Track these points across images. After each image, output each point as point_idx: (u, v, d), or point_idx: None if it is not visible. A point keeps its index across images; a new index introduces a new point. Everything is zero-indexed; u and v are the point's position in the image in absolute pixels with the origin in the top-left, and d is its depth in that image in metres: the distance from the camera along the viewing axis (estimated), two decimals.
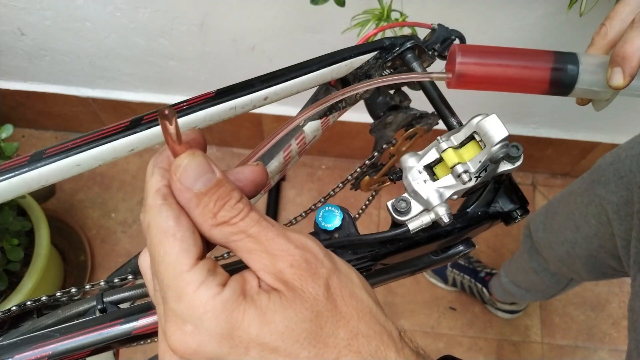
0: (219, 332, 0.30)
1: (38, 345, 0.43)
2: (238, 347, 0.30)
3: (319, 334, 0.31)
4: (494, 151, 0.44)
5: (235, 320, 0.30)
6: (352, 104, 0.63)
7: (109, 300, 0.52)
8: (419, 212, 0.45)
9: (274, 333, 0.30)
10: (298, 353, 0.31)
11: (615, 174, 0.98)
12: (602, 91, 0.49)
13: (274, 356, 0.30)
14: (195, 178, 0.32)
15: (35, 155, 0.48)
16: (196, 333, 0.30)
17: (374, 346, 0.33)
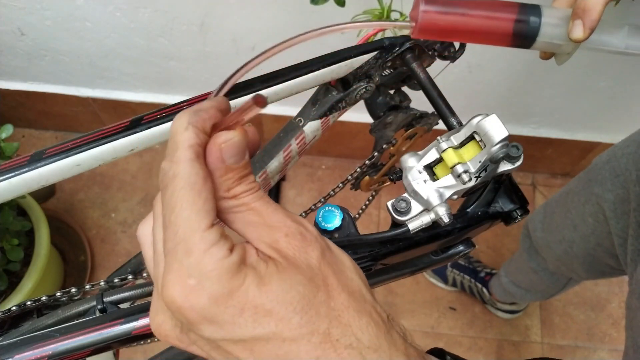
0: (220, 292, 0.31)
1: (38, 345, 0.43)
2: (234, 307, 0.31)
3: (311, 301, 0.32)
4: (494, 151, 0.44)
5: (236, 283, 0.31)
6: (352, 104, 0.63)
7: (109, 300, 0.52)
8: (419, 212, 0.45)
9: (269, 296, 0.31)
10: (290, 317, 0.31)
11: (611, 172, 0.98)
12: (563, 44, 0.50)
13: (267, 319, 0.31)
14: (233, 154, 0.33)
15: (35, 155, 0.48)
16: (198, 289, 0.30)
17: (364, 322, 0.33)
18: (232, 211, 0.34)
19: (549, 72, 1.50)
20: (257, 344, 0.31)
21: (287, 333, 0.31)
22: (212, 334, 0.31)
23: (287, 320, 0.31)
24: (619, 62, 1.42)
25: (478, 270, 1.82)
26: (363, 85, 0.61)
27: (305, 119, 0.62)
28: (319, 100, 0.62)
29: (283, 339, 0.31)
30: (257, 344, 0.31)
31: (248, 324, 0.31)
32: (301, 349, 0.31)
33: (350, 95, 0.61)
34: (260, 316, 0.31)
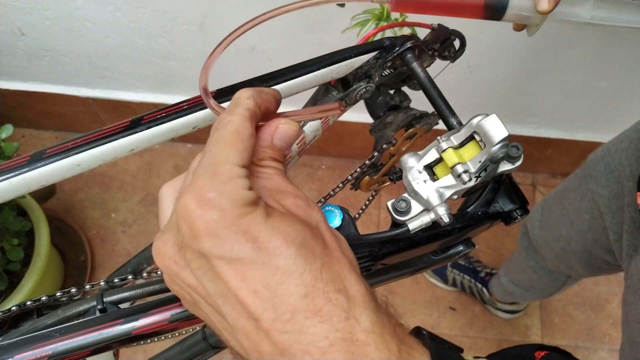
0: (231, 211, 0.33)
1: (38, 345, 0.44)
2: (238, 227, 0.33)
3: (309, 242, 0.34)
4: (494, 151, 0.44)
5: (246, 210, 0.33)
6: (352, 104, 0.63)
7: (109, 300, 0.52)
8: (419, 212, 0.45)
9: (272, 228, 0.33)
10: (288, 250, 0.33)
11: (606, 168, 0.98)
12: (532, 16, 0.53)
13: (266, 246, 0.33)
14: (282, 138, 0.39)
15: (35, 155, 0.48)
16: (212, 202, 0.33)
17: (354, 278, 0.35)
18: (255, 174, 0.37)
19: (549, 72, 1.50)
20: (251, 268, 0.32)
21: (281, 262, 0.33)
22: (210, 249, 0.33)
23: (284, 251, 0.33)
24: (619, 62, 1.43)
25: (478, 270, 1.82)
26: (363, 85, 0.60)
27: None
28: (319, 100, 0.62)
29: (277, 267, 0.33)
30: (251, 268, 0.32)
31: (248, 245, 0.33)
32: (292, 282, 0.33)
33: (350, 95, 0.61)
34: (260, 242, 0.33)
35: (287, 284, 0.33)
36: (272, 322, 0.32)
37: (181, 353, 0.63)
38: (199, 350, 0.62)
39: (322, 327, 0.32)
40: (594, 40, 1.36)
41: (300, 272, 0.33)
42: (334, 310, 0.33)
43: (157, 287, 0.53)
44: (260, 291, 0.32)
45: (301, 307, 0.32)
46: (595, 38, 1.35)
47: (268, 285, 0.32)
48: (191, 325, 0.47)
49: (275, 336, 0.32)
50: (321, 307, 0.33)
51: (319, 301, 0.33)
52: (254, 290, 0.32)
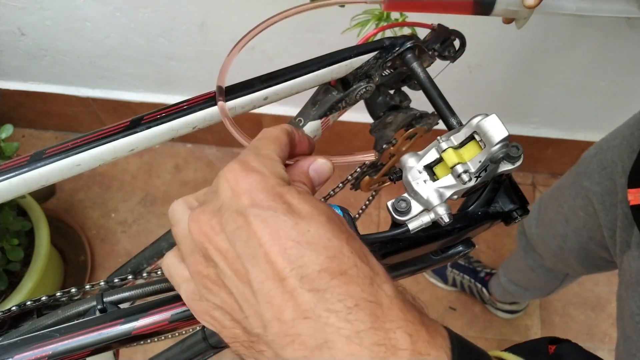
0: (270, 179, 0.36)
1: (38, 345, 0.43)
2: (275, 193, 0.36)
3: (334, 219, 0.36)
4: (494, 151, 0.43)
5: (282, 183, 0.37)
6: (352, 104, 0.63)
7: (109, 300, 0.52)
8: (419, 212, 0.45)
9: (305, 200, 0.36)
10: (318, 219, 0.35)
11: (598, 165, 0.99)
12: (519, 10, 0.54)
13: (299, 215, 0.35)
14: (319, 173, 0.43)
15: (35, 155, 0.48)
16: (255, 170, 0.36)
17: (374, 258, 0.37)
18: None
19: (549, 72, 1.50)
20: (284, 226, 0.34)
21: (312, 226, 0.34)
22: (249, 206, 0.35)
23: (315, 217, 0.35)
24: (619, 62, 1.43)
25: (478, 270, 1.82)
26: (363, 85, 0.60)
27: (305, 119, 0.62)
28: (319, 100, 0.62)
29: (308, 229, 0.34)
30: (285, 227, 0.34)
31: (283, 206, 0.35)
32: (320, 244, 0.34)
33: (350, 95, 0.61)
34: (294, 206, 0.35)
35: (315, 245, 0.34)
36: (299, 281, 0.33)
37: (181, 353, 0.63)
38: (199, 350, 0.62)
39: (347, 287, 0.33)
40: (594, 40, 1.36)
41: (329, 237, 0.34)
42: (358, 274, 0.34)
43: (157, 287, 0.53)
44: (290, 250, 0.33)
45: (328, 267, 0.33)
46: (595, 38, 1.35)
47: (298, 244, 0.33)
48: (191, 325, 0.47)
49: (300, 295, 0.33)
50: (346, 270, 0.33)
51: (345, 265, 0.34)
52: (284, 248, 0.33)
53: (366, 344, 0.32)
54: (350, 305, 0.33)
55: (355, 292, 0.33)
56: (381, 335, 0.32)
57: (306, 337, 0.32)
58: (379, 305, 0.33)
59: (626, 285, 0.83)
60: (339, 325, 0.32)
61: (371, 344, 0.32)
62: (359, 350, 0.32)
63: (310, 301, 0.32)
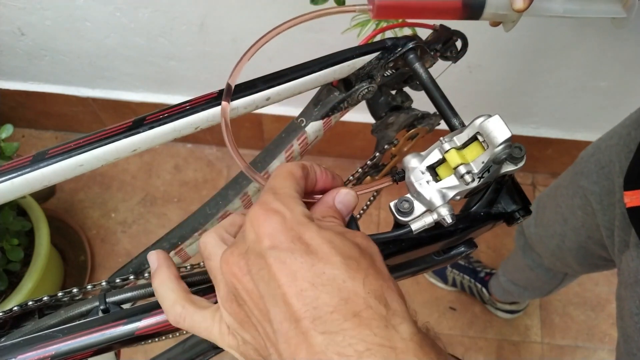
0: (290, 220, 0.37)
1: (41, 346, 0.43)
2: (295, 237, 0.36)
3: (357, 258, 0.36)
4: (497, 152, 0.43)
5: (303, 222, 0.37)
6: (354, 105, 0.63)
7: (111, 300, 0.52)
8: (421, 213, 0.45)
9: (324, 239, 0.36)
10: (335, 259, 0.35)
11: (596, 164, 0.99)
12: (508, 14, 0.55)
13: (316, 255, 0.35)
14: (345, 203, 0.44)
15: (37, 155, 0.48)
16: (277, 209, 0.38)
17: (396, 296, 0.36)
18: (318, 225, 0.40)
19: (549, 72, 1.50)
20: (301, 268, 0.35)
21: (328, 267, 0.35)
22: (269, 248, 0.36)
23: (331, 258, 0.35)
24: (619, 62, 1.43)
25: (478, 270, 1.82)
26: (365, 86, 0.60)
27: (307, 119, 0.62)
28: (321, 100, 0.62)
29: (323, 271, 0.35)
30: (301, 268, 0.35)
31: (301, 247, 0.36)
32: (335, 286, 0.34)
33: (352, 96, 0.61)
34: (312, 247, 0.36)
35: (330, 287, 0.34)
36: (312, 322, 0.33)
37: (183, 353, 0.63)
38: (200, 351, 0.62)
39: (359, 330, 0.33)
40: (594, 40, 1.36)
41: (344, 279, 0.34)
42: (372, 316, 0.33)
43: None
44: (306, 292, 0.34)
45: (340, 310, 0.33)
46: (595, 38, 1.36)
47: (314, 286, 0.34)
48: None
49: (313, 337, 0.33)
50: (360, 312, 0.33)
51: (358, 306, 0.34)
52: (300, 290, 0.34)
53: None
54: (361, 349, 0.32)
55: (367, 335, 0.33)
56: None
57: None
58: (392, 350, 0.33)
59: (625, 285, 0.83)
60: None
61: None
62: None
63: (322, 344, 0.33)
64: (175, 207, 1.91)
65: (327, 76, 0.57)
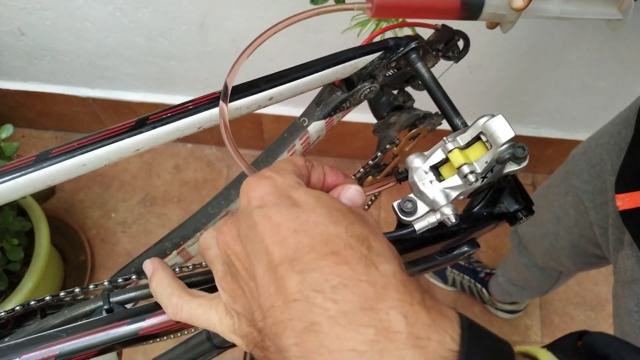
0: (280, 184, 0.37)
1: (45, 345, 0.43)
2: (282, 196, 0.36)
3: (344, 211, 0.37)
4: (500, 152, 0.43)
5: (294, 186, 0.38)
6: (356, 104, 0.63)
7: (115, 300, 0.52)
8: (425, 213, 0.45)
9: (311, 195, 0.37)
10: (320, 210, 0.35)
11: (587, 163, 0.99)
12: (507, 14, 0.55)
13: (301, 208, 0.35)
14: (351, 200, 0.43)
15: (41, 155, 0.48)
16: (269, 176, 0.38)
17: (382, 240, 0.37)
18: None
19: (549, 72, 1.50)
20: (286, 220, 0.34)
21: (312, 216, 0.35)
22: (256, 208, 0.36)
23: (317, 209, 0.35)
24: (619, 62, 1.43)
25: (478, 270, 1.82)
26: (367, 86, 0.61)
27: (310, 119, 0.62)
28: (323, 100, 0.62)
29: (307, 219, 0.35)
30: (286, 220, 0.34)
31: (287, 202, 0.36)
32: (317, 231, 0.34)
33: (355, 96, 0.61)
34: (298, 202, 0.36)
35: (312, 232, 0.34)
36: (289, 264, 0.32)
37: (185, 353, 0.63)
38: (202, 351, 0.62)
39: (337, 267, 0.32)
40: (594, 40, 1.36)
41: (327, 225, 0.34)
42: (352, 255, 0.32)
43: None
44: (288, 239, 0.33)
45: (318, 249, 0.33)
46: (595, 38, 1.36)
47: (296, 233, 0.34)
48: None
49: (289, 278, 0.32)
50: (339, 251, 0.33)
51: (338, 246, 0.33)
52: (282, 239, 0.33)
53: (353, 326, 0.30)
54: (335, 283, 0.31)
55: (344, 271, 0.31)
56: (371, 316, 0.30)
57: (296, 320, 0.31)
58: (370, 285, 0.31)
59: (622, 284, 0.83)
60: (325, 306, 0.30)
61: (359, 326, 0.30)
62: (344, 333, 0.30)
63: (298, 283, 0.32)
64: (175, 207, 1.91)
65: (329, 76, 0.57)
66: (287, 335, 0.31)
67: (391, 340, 0.30)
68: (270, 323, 0.33)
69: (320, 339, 0.30)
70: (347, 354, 0.29)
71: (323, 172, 0.44)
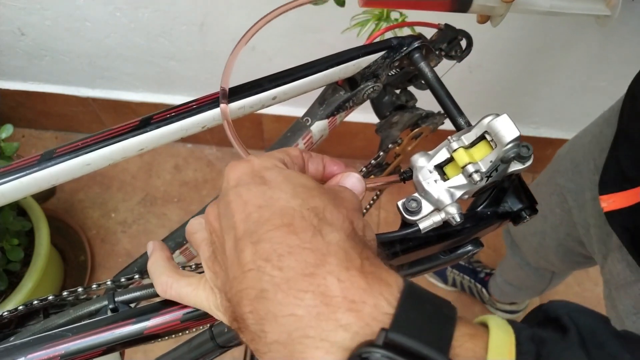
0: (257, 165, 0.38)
1: (50, 345, 0.43)
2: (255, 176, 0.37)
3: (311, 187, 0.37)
4: (505, 151, 0.44)
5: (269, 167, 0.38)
6: (359, 104, 0.63)
7: (120, 299, 0.52)
8: (429, 212, 0.45)
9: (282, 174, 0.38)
10: (287, 186, 0.36)
11: (571, 162, 1.00)
12: (497, 6, 0.55)
13: (269, 185, 0.36)
14: (352, 184, 0.44)
15: (45, 154, 0.48)
16: (248, 159, 0.39)
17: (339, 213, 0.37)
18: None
19: (549, 72, 1.50)
20: (254, 196, 0.36)
21: (277, 192, 0.36)
22: (232, 187, 0.37)
23: (283, 186, 0.36)
24: (619, 62, 1.43)
25: (478, 270, 1.82)
26: (370, 85, 0.61)
27: (313, 118, 0.62)
28: (326, 99, 0.62)
29: (272, 195, 0.36)
30: (254, 196, 0.36)
31: (257, 180, 0.37)
32: (278, 204, 0.35)
33: (358, 95, 0.61)
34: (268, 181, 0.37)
35: (274, 207, 0.35)
36: (248, 237, 0.34)
37: (189, 352, 0.63)
38: (206, 350, 0.62)
39: (286, 237, 0.33)
40: (594, 40, 1.37)
41: (287, 199, 0.35)
42: (302, 225, 0.34)
43: None
44: (252, 214, 0.35)
45: (273, 221, 0.34)
46: (595, 38, 1.36)
47: (260, 208, 0.35)
48: (202, 324, 0.47)
49: (245, 250, 0.33)
50: (291, 222, 0.34)
51: (291, 218, 0.34)
52: (247, 214, 0.35)
53: (293, 291, 0.31)
54: (281, 252, 0.32)
55: (291, 240, 0.33)
56: (309, 281, 0.31)
57: (250, 289, 0.32)
58: (312, 252, 0.32)
59: (616, 287, 0.83)
60: (272, 274, 0.32)
61: (298, 291, 0.31)
62: (285, 298, 0.31)
63: (252, 253, 0.33)
64: (175, 207, 1.91)
65: (332, 75, 0.57)
66: (244, 304, 0.33)
67: (327, 305, 0.31)
68: (233, 293, 0.34)
69: (268, 306, 0.31)
70: (288, 318, 0.31)
71: (322, 164, 0.45)
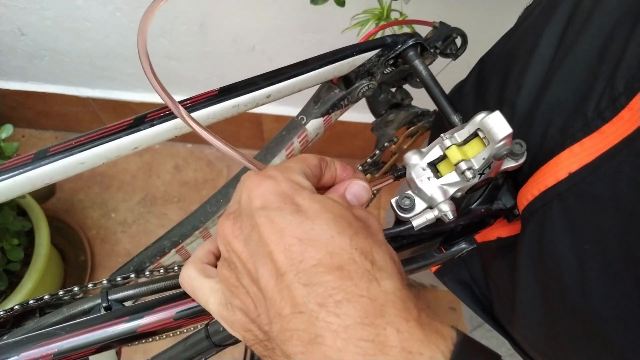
0: (283, 184, 0.38)
1: (43, 343, 0.44)
2: (286, 199, 0.37)
3: (349, 219, 0.37)
4: (497, 148, 0.44)
5: (297, 188, 0.38)
6: (354, 102, 0.63)
7: (113, 298, 0.52)
8: (422, 209, 0.46)
9: (315, 200, 0.37)
10: (325, 216, 0.36)
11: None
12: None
13: (305, 214, 0.36)
14: (355, 195, 0.44)
15: (39, 153, 0.48)
16: (272, 176, 0.38)
17: (385, 253, 0.37)
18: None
19: None
20: (289, 225, 0.35)
21: (317, 224, 0.35)
22: (259, 209, 0.37)
23: (321, 215, 0.36)
24: None
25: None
26: (365, 83, 0.61)
27: (308, 117, 0.62)
28: (321, 98, 0.62)
29: (312, 227, 0.35)
30: (289, 226, 0.35)
31: (291, 207, 0.36)
32: (322, 241, 0.35)
33: (353, 93, 0.61)
34: (302, 207, 0.36)
35: (317, 242, 0.34)
36: (295, 276, 0.33)
37: (184, 351, 0.63)
38: (201, 349, 0.62)
39: (341, 282, 0.33)
40: None
41: (332, 234, 0.35)
42: (356, 270, 0.34)
43: (162, 285, 0.53)
44: (293, 247, 0.34)
45: (324, 263, 0.34)
46: None
47: (301, 241, 0.34)
48: (196, 322, 0.47)
49: (296, 290, 0.33)
50: (343, 265, 0.34)
51: (343, 260, 0.34)
52: (287, 246, 0.34)
53: (353, 340, 0.32)
54: (338, 299, 0.32)
55: (347, 286, 0.33)
56: (370, 331, 0.32)
57: (301, 331, 0.33)
58: (371, 301, 0.33)
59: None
60: (328, 320, 0.32)
61: (358, 340, 0.32)
62: (345, 346, 0.32)
63: (304, 295, 0.33)
64: (175, 207, 1.91)
65: (327, 73, 0.57)
66: (294, 344, 0.33)
67: (385, 354, 0.32)
68: (276, 329, 0.34)
69: (324, 351, 0.32)
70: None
71: (336, 169, 0.46)
